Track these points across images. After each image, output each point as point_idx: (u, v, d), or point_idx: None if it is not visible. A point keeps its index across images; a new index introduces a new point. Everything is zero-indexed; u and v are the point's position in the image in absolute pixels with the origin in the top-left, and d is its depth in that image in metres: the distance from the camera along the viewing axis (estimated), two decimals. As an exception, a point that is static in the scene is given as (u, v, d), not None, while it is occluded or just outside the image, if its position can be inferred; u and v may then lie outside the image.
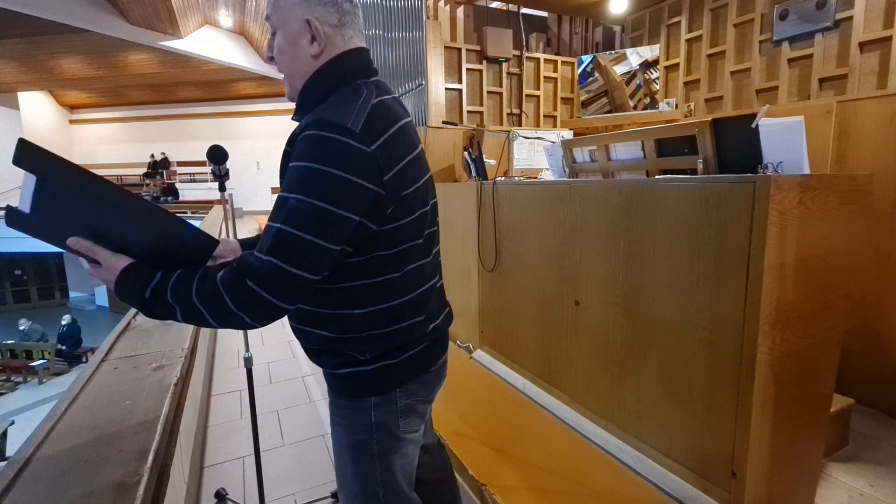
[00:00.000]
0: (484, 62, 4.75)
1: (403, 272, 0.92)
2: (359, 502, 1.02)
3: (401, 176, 0.86)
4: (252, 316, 0.76)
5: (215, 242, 0.89)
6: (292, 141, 0.84)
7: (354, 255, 0.86)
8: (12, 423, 6.76)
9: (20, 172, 0.75)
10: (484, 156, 2.94)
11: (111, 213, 0.80)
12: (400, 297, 0.93)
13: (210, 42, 10.63)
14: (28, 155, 0.72)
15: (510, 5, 5.03)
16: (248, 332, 1.71)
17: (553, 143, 2.57)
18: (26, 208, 0.75)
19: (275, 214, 0.78)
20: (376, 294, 0.91)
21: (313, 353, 1.00)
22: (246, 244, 1.08)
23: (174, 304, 0.77)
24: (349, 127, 0.78)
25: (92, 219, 0.80)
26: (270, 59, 0.94)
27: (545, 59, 5.10)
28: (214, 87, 14.17)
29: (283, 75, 0.94)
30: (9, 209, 0.75)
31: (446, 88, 4.48)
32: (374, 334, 0.92)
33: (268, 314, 0.77)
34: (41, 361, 9.40)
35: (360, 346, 0.93)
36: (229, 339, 3.95)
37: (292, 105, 0.98)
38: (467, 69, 4.64)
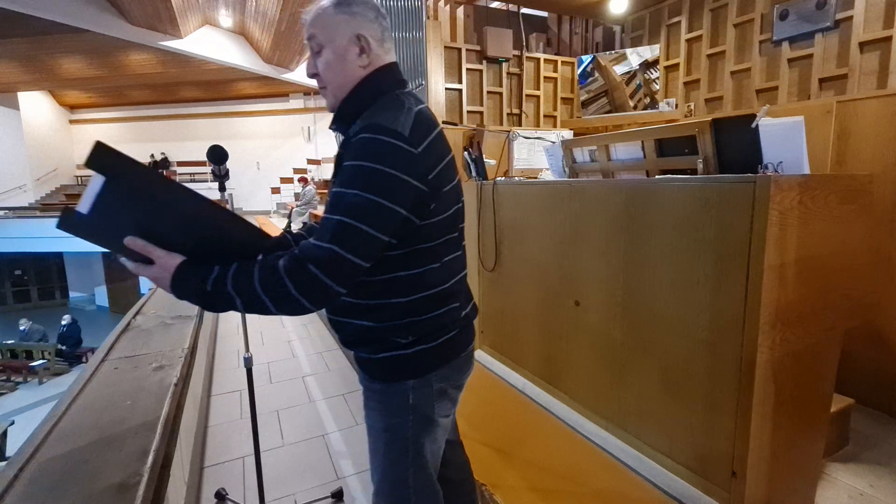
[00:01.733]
0: (484, 62, 4.75)
1: (441, 263, 1.00)
2: (388, 487, 1.06)
3: (441, 175, 0.94)
4: (311, 300, 0.83)
5: (268, 238, 0.94)
6: (345, 144, 0.93)
7: (398, 248, 0.93)
8: (12, 423, 6.76)
9: (20, 172, 0.75)
10: (484, 156, 2.94)
11: (173, 213, 0.84)
12: (438, 287, 1.01)
13: (210, 42, 10.63)
14: (102, 157, 0.75)
15: (510, 5, 5.03)
16: (248, 332, 1.72)
17: (553, 143, 2.57)
18: (84, 209, 0.78)
19: (332, 207, 0.85)
20: (417, 284, 0.98)
21: (350, 343, 1.05)
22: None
23: (234, 294, 0.82)
24: (399, 131, 0.87)
25: (149, 218, 0.84)
26: (314, 76, 1.01)
27: (545, 59, 5.10)
28: (214, 87, 14.17)
29: (326, 88, 1.00)
30: (66, 210, 0.77)
31: (446, 88, 4.48)
32: (413, 321, 0.99)
33: (326, 298, 0.84)
34: (41, 361, 9.39)
35: (400, 331, 0.99)
36: (229, 340, 3.95)
37: (292, 105, 1.01)
38: (467, 69, 4.64)
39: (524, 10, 5.08)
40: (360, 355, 1.05)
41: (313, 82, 1.04)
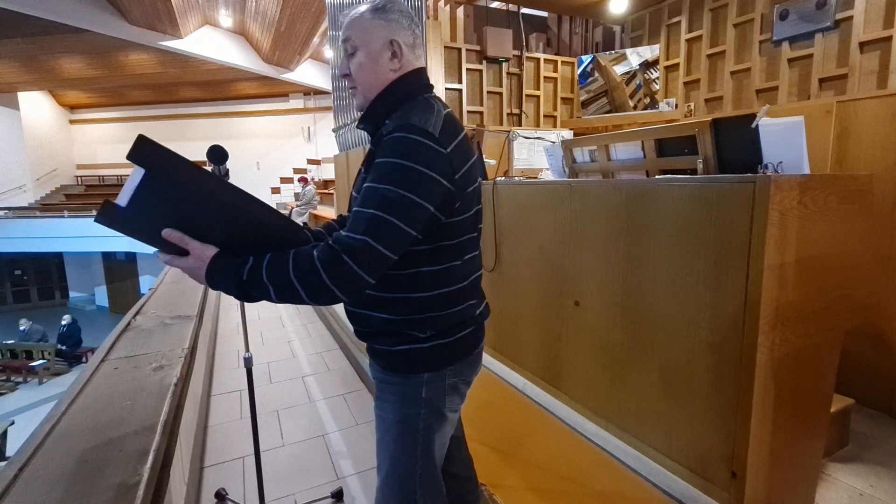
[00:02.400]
0: (484, 62, 4.75)
1: (463, 260, 1.04)
2: (395, 480, 1.08)
3: (466, 176, 0.98)
4: (343, 289, 0.85)
5: (301, 231, 0.96)
6: (377, 142, 0.97)
7: (424, 244, 0.96)
8: (12, 423, 6.76)
9: (20, 172, 0.75)
10: (484, 156, 2.94)
11: (212, 205, 0.85)
12: (458, 284, 1.04)
13: (210, 42, 10.62)
14: (144, 150, 0.76)
15: (510, 5, 5.03)
16: (248, 332, 1.72)
17: (553, 143, 2.57)
18: (123, 202, 0.78)
19: (366, 201, 0.88)
20: (440, 279, 1.01)
21: (367, 335, 1.07)
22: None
23: (268, 283, 0.85)
24: (431, 131, 0.91)
25: (187, 210, 0.84)
26: (345, 76, 1.05)
27: (545, 59, 5.10)
28: (214, 87, 14.16)
29: (357, 88, 1.04)
30: (106, 203, 0.77)
31: (446, 88, 4.48)
32: (433, 316, 1.02)
33: (357, 288, 0.86)
34: (41, 361, 9.39)
35: (420, 325, 1.02)
36: (229, 340, 3.95)
37: (292, 105, 1.01)
38: (467, 69, 4.64)
39: (524, 10, 5.08)
40: (377, 347, 1.07)
41: (313, 82, 1.06)
